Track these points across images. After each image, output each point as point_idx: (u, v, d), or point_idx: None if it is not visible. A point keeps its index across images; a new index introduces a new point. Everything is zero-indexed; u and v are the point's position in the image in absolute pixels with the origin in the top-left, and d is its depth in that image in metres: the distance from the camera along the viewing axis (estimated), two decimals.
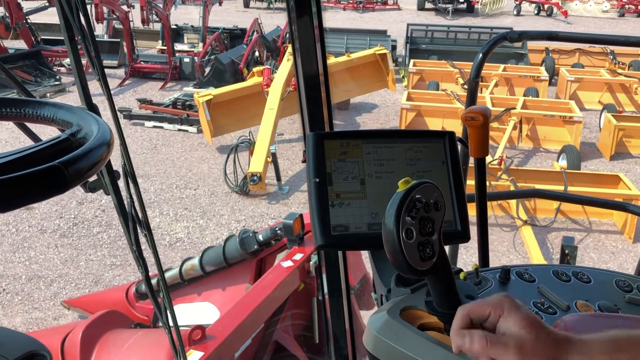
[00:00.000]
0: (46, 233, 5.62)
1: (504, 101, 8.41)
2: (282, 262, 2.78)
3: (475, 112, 1.23)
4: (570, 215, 5.95)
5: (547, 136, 8.06)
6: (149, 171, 7.16)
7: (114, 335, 2.86)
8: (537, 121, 7.96)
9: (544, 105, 8.31)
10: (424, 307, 0.98)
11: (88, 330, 2.79)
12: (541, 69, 10.43)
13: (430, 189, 0.89)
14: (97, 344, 2.79)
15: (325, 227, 1.10)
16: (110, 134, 0.82)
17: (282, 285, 2.65)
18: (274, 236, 3.02)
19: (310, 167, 1.13)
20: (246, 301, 2.55)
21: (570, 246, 2.73)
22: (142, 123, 8.70)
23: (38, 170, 0.68)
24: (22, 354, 0.86)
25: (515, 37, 1.98)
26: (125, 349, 2.74)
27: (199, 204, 6.34)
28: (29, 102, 0.93)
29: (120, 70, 11.87)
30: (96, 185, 1.23)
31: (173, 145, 8.06)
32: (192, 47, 12.82)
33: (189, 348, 2.25)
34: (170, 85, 10.88)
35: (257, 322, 2.55)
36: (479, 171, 1.35)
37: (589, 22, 21.55)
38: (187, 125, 8.47)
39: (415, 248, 0.87)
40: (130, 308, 3.48)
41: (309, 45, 1.76)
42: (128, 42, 10.84)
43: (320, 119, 1.94)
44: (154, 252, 1.34)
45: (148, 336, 2.80)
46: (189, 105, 8.82)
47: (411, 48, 11.69)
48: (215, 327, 2.38)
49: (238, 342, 2.42)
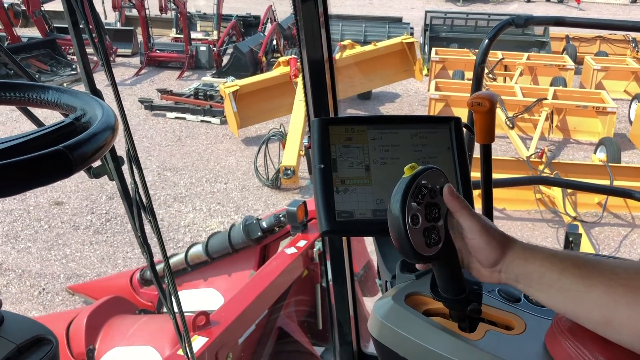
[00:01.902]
0: (79, 229, 5.50)
1: (533, 91, 8.24)
2: (285, 249, 2.79)
3: (481, 98, 1.21)
4: (612, 210, 5.82)
5: (577, 127, 7.92)
6: (176, 164, 7.02)
7: (119, 321, 2.90)
8: (568, 112, 7.81)
9: (574, 95, 8.15)
10: (429, 293, 1.00)
11: (93, 316, 2.82)
12: (566, 58, 10.25)
13: (437, 174, 0.90)
14: (101, 330, 2.82)
15: (330, 213, 1.10)
16: (115, 118, 0.82)
17: (286, 271, 2.65)
18: (278, 223, 3.02)
19: (315, 153, 1.13)
20: (250, 288, 2.56)
21: (574, 233, 2.76)
22: (164, 114, 8.55)
23: (43, 154, 0.67)
24: (29, 338, 0.85)
25: (521, 22, 1.97)
26: (130, 335, 2.76)
27: (231, 199, 6.21)
28: (33, 86, 0.92)
29: (133, 59, 11.69)
30: (100, 171, 1.22)
31: (197, 137, 7.91)
32: (207, 35, 12.61)
33: (194, 333, 2.25)
34: (187, 74, 10.70)
35: (261, 309, 2.56)
36: (485, 157, 1.35)
37: (601, 8, 21.28)
38: (210, 116, 8.31)
39: (421, 234, 0.87)
40: (134, 294, 3.48)
41: (314, 31, 1.77)
42: (144, 30, 10.62)
43: (325, 105, 1.96)
44: (158, 238, 1.35)
45: (152, 322, 2.81)
46: (210, 95, 8.66)
47: (431, 36, 11.49)
48: (220, 313, 2.39)
49: (242, 328, 2.42)
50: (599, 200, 5.65)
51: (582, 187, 3.11)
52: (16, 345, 0.83)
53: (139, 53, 11.26)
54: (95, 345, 2.82)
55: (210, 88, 8.96)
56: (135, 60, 11.58)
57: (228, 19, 12.54)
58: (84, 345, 2.79)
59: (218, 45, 11.05)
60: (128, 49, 11.90)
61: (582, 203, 5.77)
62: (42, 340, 0.87)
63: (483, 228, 0.89)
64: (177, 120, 8.43)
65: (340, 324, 2.52)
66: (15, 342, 0.84)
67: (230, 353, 2.34)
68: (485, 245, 0.89)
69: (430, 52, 10.30)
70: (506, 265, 0.89)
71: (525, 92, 8.10)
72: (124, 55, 11.76)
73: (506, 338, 0.96)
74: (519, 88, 8.19)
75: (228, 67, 9.99)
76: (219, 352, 2.29)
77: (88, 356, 2.79)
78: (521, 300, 1.03)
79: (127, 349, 2.76)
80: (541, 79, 9.92)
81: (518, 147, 6.87)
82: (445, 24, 12.06)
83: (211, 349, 2.24)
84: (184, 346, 1.49)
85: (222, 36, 11.29)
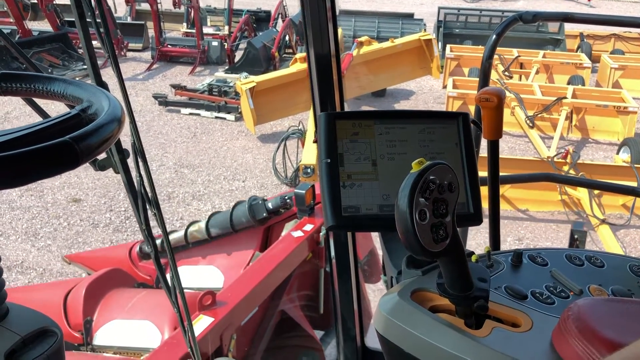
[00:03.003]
0: (99, 227, 5.44)
1: (552, 90, 8.16)
2: (292, 232, 2.79)
3: (489, 94, 1.20)
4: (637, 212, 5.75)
5: (596, 126, 7.83)
6: (193, 161, 6.95)
7: (118, 294, 2.91)
8: (587, 111, 7.73)
9: (594, 94, 8.06)
10: (436, 289, 0.99)
11: (92, 287, 2.83)
12: (582, 56, 10.14)
13: (445, 170, 0.88)
14: (100, 301, 2.83)
15: (336, 208, 1.10)
16: (121, 110, 0.82)
17: (292, 255, 2.66)
18: (284, 205, 3.03)
19: (322, 148, 1.13)
20: (256, 269, 2.55)
21: (579, 231, 2.76)
22: (178, 110, 8.48)
23: (49, 145, 0.67)
24: (34, 330, 0.85)
25: (529, 18, 1.97)
26: (129, 308, 2.77)
27: None
28: (39, 77, 0.92)
29: (144, 54, 11.60)
30: (105, 164, 1.22)
31: (212, 133, 7.84)
32: (217, 30, 12.50)
33: (199, 313, 2.24)
34: (199, 70, 10.62)
35: (266, 291, 2.55)
36: (492, 153, 1.34)
37: (612, 5, 21.12)
38: (225, 112, 8.24)
39: (428, 229, 0.86)
40: (133, 267, 3.46)
41: (322, 26, 1.77)
42: (156, 25, 10.54)
43: (331, 100, 1.96)
44: (163, 230, 1.36)
45: (152, 297, 2.82)
46: (224, 91, 8.58)
47: (444, 32, 11.38)
48: (226, 293, 2.37)
49: (247, 309, 2.41)
50: (624, 202, 5.58)
51: (590, 185, 3.13)
52: (21, 337, 0.83)
53: (150, 48, 11.18)
54: (93, 317, 2.82)
55: (224, 84, 8.88)
56: (145, 55, 11.49)
57: (238, 13, 12.45)
58: (81, 316, 2.80)
59: (231, 41, 10.96)
60: (139, 43, 11.81)
61: (607, 205, 5.70)
62: (47, 332, 0.87)
63: None
64: (192, 116, 8.36)
65: (344, 319, 2.52)
66: (20, 333, 0.83)
67: (234, 334, 2.33)
68: None
69: (445, 49, 10.21)
70: None
71: (543, 90, 8.01)
72: (134, 49, 11.67)
73: (513, 335, 0.95)
74: (537, 86, 8.10)
75: (241, 62, 9.90)
76: (224, 333, 2.27)
77: (85, 327, 2.79)
78: (528, 297, 1.03)
79: (126, 323, 2.77)
80: (557, 77, 9.82)
81: (539, 146, 6.78)
82: (457, 20, 11.95)
83: (217, 329, 2.22)
84: (187, 337, 1.49)
85: (235, 31, 11.20)
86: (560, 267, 1.15)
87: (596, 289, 1.10)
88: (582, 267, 1.17)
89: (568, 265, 1.17)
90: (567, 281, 1.11)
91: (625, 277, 1.14)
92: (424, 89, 9.99)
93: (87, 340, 2.78)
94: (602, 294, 1.09)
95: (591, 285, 1.11)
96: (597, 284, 1.11)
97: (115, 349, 2.75)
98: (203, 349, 2.14)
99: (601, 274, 1.15)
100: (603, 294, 1.09)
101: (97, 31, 1.19)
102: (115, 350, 2.75)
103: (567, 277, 1.12)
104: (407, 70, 8.55)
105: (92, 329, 2.79)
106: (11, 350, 0.82)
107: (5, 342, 0.82)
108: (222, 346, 2.27)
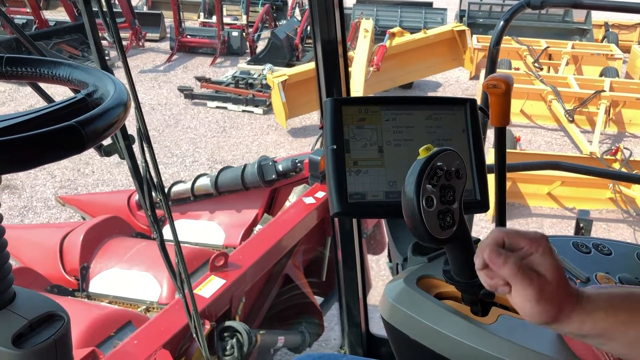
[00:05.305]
0: None
1: (588, 82, 7.97)
2: (304, 198, 2.80)
3: (497, 80, 1.17)
4: None
5: (632, 120, 7.67)
6: (226, 157, 6.79)
7: (116, 242, 2.88)
8: (624, 104, 7.55)
9: (632, 87, 7.89)
10: (441, 276, 0.98)
11: (90, 233, 2.81)
12: (612, 46, 9.93)
13: (452, 156, 0.88)
14: (98, 248, 2.82)
15: (342, 194, 1.09)
16: (127, 94, 0.82)
17: (303, 221, 2.67)
18: (294, 168, 3.01)
19: (328, 134, 1.11)
20: (268, 233, 2.55)
21: (585, 219, 2.74)
22: (204, 103, 8.29)
23: (55, 129, 0.67)
24: (41, 314, 0.86)
25: (537, 3, 1.94)
26: (128, 257, 2.75)
27: None
28: (44, 61, 0.91)
29: (162, 44, 11.40)
30: (111, 149, 1.22)
31: (242, 127, 7.67)
32: (235, 20, 12.28)
33: (210, 273, 2.21)
34: (219, 61, 10.42)
35: (276, 255, 2.55)
36: (499, 140, 1.33)
37: None
38: (253, 106, 8.05)
39: (435, 216, 0.86)
40: (131, 216, 3.40)
41: (328, 11, 1.76)
42: (175, 15, 10.32)
43: (337, 86, 1.93)
44: (168, 215, 1.37)
45: (153, 249, 2.76)
46: (250, 84, 8.39)
47: (468, 22, 11.16)
48: (237, 255, 2.36)
49: (257, 273, 2.39)
50: None
51: (599, 174, 3.17)
52: (28, 321, 0.84)
53: (169, 38, 10.97)
54: (89, 264, 2.80)
55: (248, 76, 8.68)
56: (163, 45, 11.28)
57: (255, 3, 12.22)
58: (78, 262, 2.77)
59: (253, 31, 10.76)
60: (156, 33, 11.60)
61: None
62: (54, 317, 0.87)
63: (535, 296, 0.82)
64: (218, 109, 8.17)
65: (349, 306, 2.54)
66: (27, 317, 0.84)
67: (243, 298, 2.31)
68: (536, 314, 0.84)
69: (471, 40, 10.01)
70: (560, 327, 0.86)
71: (580, 83, 7.83)
72: (152, 40, 11.45)
73: (519, 322, 0.94)
74: (573, 79, 7.92)
75: (264, 53, 9.70)
76: (233, 296, 2.23)
77: (81, 273, 2.76)
78: None
79: (125, 272, 2.73)
80: (585, 68, 9.62)
81: (580, 141, 6.62)
82: (480, 10, 11.73)
83: (227, 292, 2.17)
84: (187, 311, 1.51)
85: (256, 21, 10.98)
86: (567, 254, 1.16)
87: (603, 276, 1.10)
88: (589, 254, 1.17)
89: (575, 253, 1.18)
90: (574, 269, 1.11)
91: (633, 265, 1.15)
92: (450, 80, 9.80)
93: (83, 287, 2.75)
94: (609, 281, 1.09)
95: (598, 273, 1.11)
96: (604, 272, 1.12)
97: (111, 298, 2.71)
98: (213, 311, 2.12)
99: (608, 262, 1.15)
100: (610, 281, 1.10)
101: (102, 16, 1.18)
102: (111, 299, 2.70)
103: (574, 265, 1.12)
104: (438, 62, 8.38)
105: (89, 276, 2.77)
106: (18, 334, 0.82)
107: (12, 326, 0.82)
108: (231, 308, 2.24)
